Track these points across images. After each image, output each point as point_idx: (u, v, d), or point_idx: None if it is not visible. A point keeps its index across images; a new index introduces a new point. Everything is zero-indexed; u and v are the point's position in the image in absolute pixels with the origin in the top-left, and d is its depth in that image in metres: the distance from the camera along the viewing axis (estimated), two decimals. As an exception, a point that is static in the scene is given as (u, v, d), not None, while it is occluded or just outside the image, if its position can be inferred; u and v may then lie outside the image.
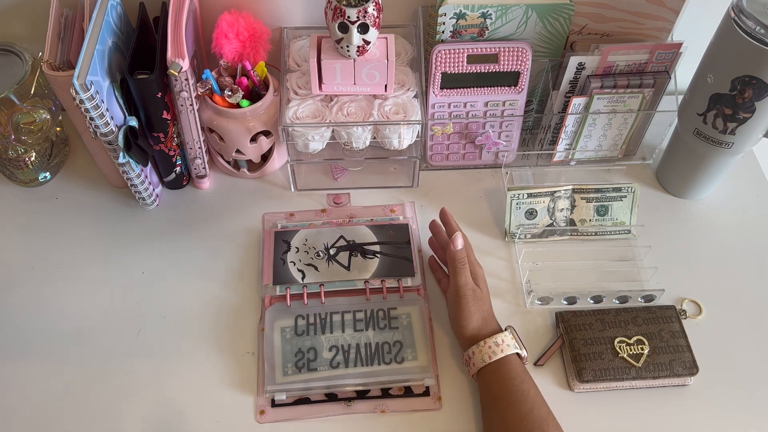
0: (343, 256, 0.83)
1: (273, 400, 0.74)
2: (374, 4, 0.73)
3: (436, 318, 0.80)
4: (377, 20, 0.74)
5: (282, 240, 0.84)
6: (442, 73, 0.83)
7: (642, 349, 0.75)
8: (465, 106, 0.87)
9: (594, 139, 0.92)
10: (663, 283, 0.82)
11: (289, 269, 0.82)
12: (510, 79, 0.85)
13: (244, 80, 0.82)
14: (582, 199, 0.87)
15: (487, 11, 0.81)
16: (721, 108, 0.78)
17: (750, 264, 0.86)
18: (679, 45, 0.83)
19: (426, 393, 0.75)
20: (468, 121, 0.89)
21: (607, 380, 0.74)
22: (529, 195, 0.85)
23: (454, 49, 0.81)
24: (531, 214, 0.86)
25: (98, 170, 0.91)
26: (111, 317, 0.80)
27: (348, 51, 0.76)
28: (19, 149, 0.85)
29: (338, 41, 0.76)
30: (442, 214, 0.81)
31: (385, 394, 0.74)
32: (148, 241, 0.86)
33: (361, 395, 0.74)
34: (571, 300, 0.81)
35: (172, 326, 0.79)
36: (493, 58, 0.83)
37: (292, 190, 0.92)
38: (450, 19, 0.81)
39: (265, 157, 0.91)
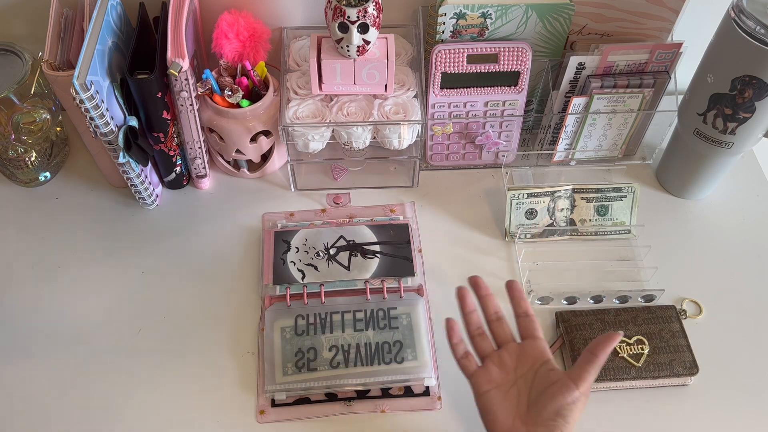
0: (343, 256, 0.83)
1: (273, 400, 0.74)
2: (374, 4, 0.73)
3: (436, 318, 0.80)
4: (377, 20, 0.74)
5: (282, 240, 0.84)
6: (442, 73, 0.83)
7: (642, 349, 0.75)
8: (465, 106, 0.87)
9: (594, 139, 0.92)
10: (663, 283, 0.82)
11: (289, 269, 0.82)
12: (510, 79, 0.85)
13: (244, 80, 0.82)
14: (582, 199, 0.87)
15: (487, 11, 0.81)
16: (721, 108, 0.78)
17: (750, 264, 0.86)
18: (679, 45, 0.83)
19: (426, 393, 0.75)
20: (468, 121, 0.89)
21: (607, 380, 0.74)
22: (529, 195, 0.85)
23: (454, 49, 0.81)
24: (531, 214, 0.86)
25: (98, 170, 0.91)
26: (111, 317, 0.80)
27: (348, 51, 0.76)
28: (19, 149, 0.85)
29: (338, 41, 0.76)
30: (511, 287, 0.68)
31: (385, 394, 0.74)
32: (148, 241, 0.86)
33: (361, 395, 0.74)
34: (571, 300, 0.81)
35: (172, 326, 0.79)
36: (493, 58, 0.83)
37: (292, 190, 0.92)
38: (450, 19, 0.81)
39: (265, 157, 0.91)
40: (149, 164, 0.86)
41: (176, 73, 0.75)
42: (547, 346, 0.64)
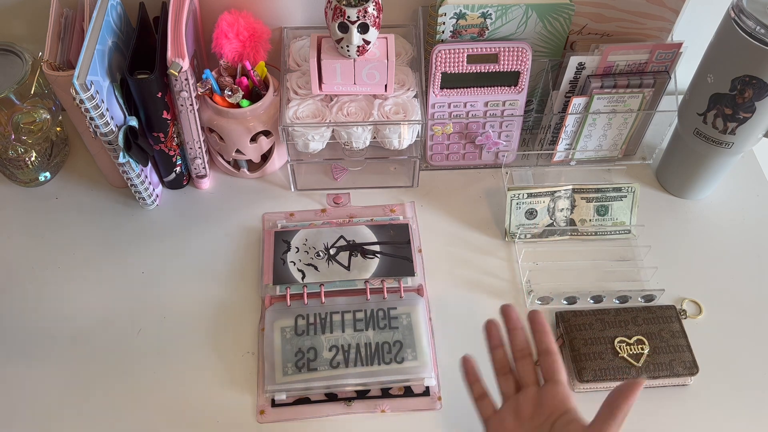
0: (343, 256, 0.83)
1: (273, 400, 0.74)
2: (374, 3, 0.73)
3: (436, 318, 0.80)
4: (377, 20, 0.74)
5: (282, 240, 0.84)
6: (442, 73, 0.83)
7: (642, 348, 0.75)
8: (465, 106, 0.87)
9: (594, 139, 0.92)
10: (663, 283, 0.82)
11: (289, 269, 0.82)
12: (510, 79, 0.85)
13: (244, 80, 0.82)
14: (582, 199, 0.87)
15: (487, 11, 0.81)
16: (721, 108, 0.78)
17: (750, 264, 0.86)
18: (679, 45, 0.83)
19: (426, 393, 0.75)
20: (468, 121, 0.89)
21: (608, 380, 0.74)
22: (529, 195, 0.85)
23: (454, 49, 0.81)
24: (531, 214, 0.86)
25: (98, 170, 0.91)
26: (111, 317, 0.80)
27: (348, 51, 0.76)
28: (19, 149, 0.85)
29: (338, 41, 0.76)
30: (532, 319, 0.61)
31: (385, 394, 0.74)
32: (148, 241, 0.86)
33: (361, 395, 0.74)
34: (571, 300, 0.81)
35: (171, 326, 0.79)
36: (493, 58, 0.83)
37: (292, 190, 0.92)
38: (450, 19, 0.81)
39: (265, 157, 0.91)
40: (149, 164, 0.86)
41: (176, 73, 0.75)
42: (569, 393, 0.58)
